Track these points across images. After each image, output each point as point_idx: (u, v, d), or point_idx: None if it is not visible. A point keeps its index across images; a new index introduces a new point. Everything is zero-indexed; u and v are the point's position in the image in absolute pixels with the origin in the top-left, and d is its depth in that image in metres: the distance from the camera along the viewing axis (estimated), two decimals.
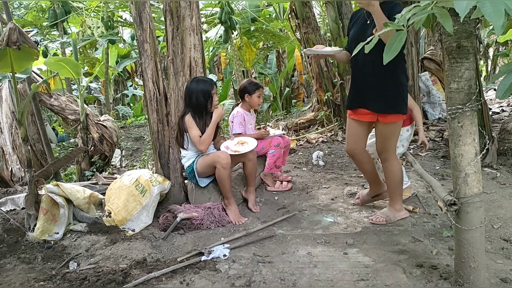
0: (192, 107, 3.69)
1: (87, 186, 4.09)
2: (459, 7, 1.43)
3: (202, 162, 3.71)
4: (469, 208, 2.17)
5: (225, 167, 3.55)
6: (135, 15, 3.67)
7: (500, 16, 1.40)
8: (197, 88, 3.65)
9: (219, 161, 3.56)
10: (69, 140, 8.62)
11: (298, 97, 12.37)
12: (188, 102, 3.71)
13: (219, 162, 3.56)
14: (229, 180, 3.63)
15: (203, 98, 3.66)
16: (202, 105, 3.69)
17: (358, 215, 3.56)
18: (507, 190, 3.87)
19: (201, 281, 2.60)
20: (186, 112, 3.72)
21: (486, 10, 1.41)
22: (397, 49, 1.72)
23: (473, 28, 2.04)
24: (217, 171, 3.59)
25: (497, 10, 1.39)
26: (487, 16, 1.41)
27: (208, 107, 3.72)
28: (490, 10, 1.39)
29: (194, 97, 3.65)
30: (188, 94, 3.69)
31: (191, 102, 3.68)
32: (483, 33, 12.15)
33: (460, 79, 2.10)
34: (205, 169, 3.71)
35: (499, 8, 1.40)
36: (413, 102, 3.67)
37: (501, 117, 7.41)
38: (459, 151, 2.16)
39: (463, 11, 1.43)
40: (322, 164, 5.32)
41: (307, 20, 6.81)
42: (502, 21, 1.40)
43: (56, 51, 10.45)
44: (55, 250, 3.22)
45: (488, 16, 1.41)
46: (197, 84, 3.67)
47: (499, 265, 2.58)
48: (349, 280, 2.52)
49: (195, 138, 3.65)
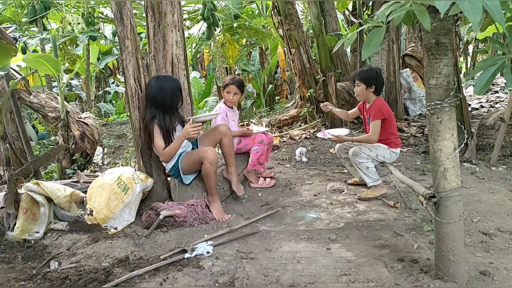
0: (158, 107, 3.53)
1: (68, 185, 4.03)
2: (439, 4, 1.45)
3: (188, 159, 3.64)
4: (448, 202, 2.21)
5: (212, 163, 3.50)
6: (116, 11, 3.62)
7: (478, 13, 1.42)
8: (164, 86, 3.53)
9: (207, 156, 3.50)
10: (50, 138, 8.49)
11: (281, 93, 12.41)
12: (153, 102, 3.54)
13: (206, 158, 3.50)
14: (215, 176, 3.59)
15: (172, 96, 3.54)
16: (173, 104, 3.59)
17: (341, 211, 3.59)
18: (486, 185, 3.95)
19: (184, 278, 2.59)
20: (154, 115, 3.54)
21: (464, 7, 1.43)
22: (376, 45, 1.73)
23: (452, 25, 2.07)
24: (204, 167, 3.52)
25: (475, 6, 1.42)
26: (465, 12, 1.43)
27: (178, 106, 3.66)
28: (468, 6, 1.42)
29: (161, 96, 3.51)
30: (154, 93, 3.52)
31: (156, 102, 3.52)
32: (463, 30, 12.35)
33: (439, 75, 2.13)
34: (191, 166, 3.65)
35: (477, 5, 1.42)
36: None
37: (480, 113, 7.55)
38: (438, 146, 2.19)
39: (442, 8, 1.45)
40: (305, 161, 5.35)
41: (289, 17, 6.82)
42: (480, 17, 1.42)
43: (36, 47, 10.29)
44: (36, 249, 3.17)
45: (466, 12, 1.43)
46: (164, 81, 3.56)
47: (478, 258, 2.63)
48: (332, 275, 2.54)
49: (158, 148, 3.54)
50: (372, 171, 3.75)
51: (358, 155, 3.74)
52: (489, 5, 1.42)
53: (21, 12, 8.35)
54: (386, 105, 3.82)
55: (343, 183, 4.32)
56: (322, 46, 6.69)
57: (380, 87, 3.80)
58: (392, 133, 3.80)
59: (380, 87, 3.82)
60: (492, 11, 1.43)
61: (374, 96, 3.81)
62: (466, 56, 14.52)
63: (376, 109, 3.73)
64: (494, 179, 4.13)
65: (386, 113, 3.73)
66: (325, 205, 3.76)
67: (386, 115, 3.73)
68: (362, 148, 3.75)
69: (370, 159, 3.73)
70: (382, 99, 3.89)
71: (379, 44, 1.75)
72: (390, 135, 3.79)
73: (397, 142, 3.84)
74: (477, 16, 1.43)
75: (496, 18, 1.45)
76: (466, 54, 14.49)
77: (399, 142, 3.87)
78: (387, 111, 3.76)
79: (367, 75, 3.78)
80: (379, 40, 1.73)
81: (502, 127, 4.56)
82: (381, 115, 3.71)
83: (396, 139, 3.82)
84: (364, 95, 3.84)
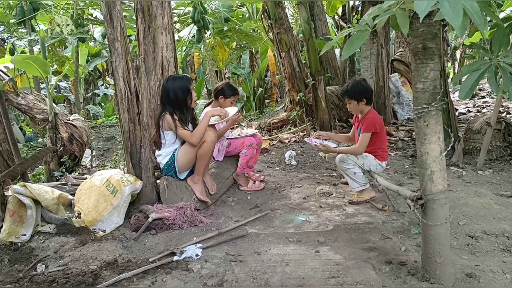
0: (172, 105, 3.67)
1: (56, 187, 4.00)
2: (419, 8, 1.48)
3: (186, 148, 3.74)
4: (434, 205, 2.24)
5: (213, 140, 3.73)
6: (106, 13, 3.61)
7: (459, 16, 1.44)
8: (175, 86, 3.64)
9: (209, 134, 3.69)
10: (37, 140, 8.40)
11: (271, 97, 12.43)
12: (166, 100, 3.68)
13: (208, 136, 3.68)
14: (209, 157, 3.77)
15: (182, 95, 3.66)
16: (182, 102, 3.69)
17: (329, 214, 3.61)
18: (472, 188, 4.00)
19: (173, 281, 2.58)
20: (163, 111, 3.70)
21: (445, 11, 1.46)
22: (357, 46, 1.76)
23: (438, 30, 2.10)
24: (203, 145, 3.68)
25: (456, 10, 1.44)
26: (446, 16, 1.45)
27: (188, 103, 3.72)
28: (449, 10, 1.44)
29: (173, 94, 3.64)
30: (166, 93, 3.66)
31: (169, 100, 3.66)
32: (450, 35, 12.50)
33: (425, 80, 2.16)
34: (188, 156, 3.74)
35: (458, 9, 1.45)
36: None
37: (467, 118, 7.64)
38: (425, 149, 2.22)
39: (422, 12, 1.47)
40: (294, 164, 5.37)
41: (279, 21, 6.85)
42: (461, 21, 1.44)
43: (24, 49, 10.18)
44: (23, 252, 3.14)
45: (447, 16, 1.45)
46: (174, 81, 3.66)
47: (465, 261, 2.66)
48: (321, 277, 2.55)
49: (185, 133, 3.67)
50: (359, 176, 3.77)
51: (345, 161, 3.76)
52: (469, 9, 1.45)
53: (9, 13, 8.28)
54: (379, 118, 3.80)
55: (332, 186, 4.34)
56: (312, 50, 6.72)
57: (370, 97, 3.79)
58: (380, 147, 3.79)
59: (371, 97, 3.80)
60: (472, 14, 1.45)
61: (367, 107, 3.80)
62: (453, 61, 14.68)
63: (369, 122, 3.70)
64: (480, 182, 4.18)
65: (378, 126, 3.71)
66: (314, 208, 3.78)
67: (378, 129, 3.72)
68: (349, 155, 3.77)
69: (357, 166, 3.75)
70: (375, 111, 3.87)
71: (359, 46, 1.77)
72: (378, 148, 3.78)
73: (384, 155, 3.83)
74: (458, 19, 1.45)
75: (476, 22, 1.47)
76: (454, 60, 14.65)
77: (386, 156, 3.86)
78: (380, 124, 3.74)
79: (355, 91, 3.75)
80: (361, 42, 1.75)
81: (489, 131, 4.62)
82: (373, 128, 3.70)
83: (383, 153, 3.81)
84: (357, 109, 3.83)
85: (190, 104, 3.77)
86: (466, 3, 1.45)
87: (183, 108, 3.73)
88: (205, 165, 3.81)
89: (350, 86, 3.80)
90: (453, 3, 1.45)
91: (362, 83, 3.79)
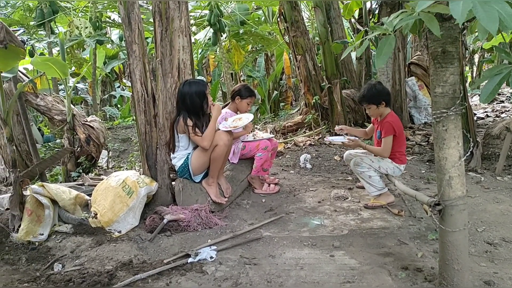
0: (187, 110, 3.67)
1: (73, 187, 4.05)
2: (455, 13, 1.44)
3: (198, 151, 3.74)
4: (453, 211, 2.20)
5: (226, 143, 3.71)
6: (124, 16, 3.65)
7: (495, 21, 1.41)
8: (191, 90, 3.64)
9: (222, 137, 3.69)
10: (55, 141, 8.52)
11: (286, 100, 12.42)
12: (182, 105, 3.68)
13: (221, 139, 3.68)
14: (223, 159, 3.79)
15: (199, 99, 3.66)
16: (198, 107, 3.69)
17: (344, 218, 3.58)
18: (491, 194, 3.93)
19: (187, 283, 2.59)
20: (178, 115, 3.70)
21: (480, 15, 1.42)
22: (388, 53, 1.74)
23: (458, 33, 2.08)
24: (216, 149, 3.68)
25: (491, 15, 1.41)
26: (481, 21, 1.42)
27: (204, 108, 3.73)
28: (483, 15, 1.41)
29: (189, 99, 3.63)
30: (182, 97, 3.66)
31: (186, 105, 3.66)
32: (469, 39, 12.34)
33: (445, 84, 2.13)
34: (202, 159, 3.74)
35: (493, 13, 1.41)
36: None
37: (485, 122, 7.52)
38: (443, 154, 2.19)
39: (460, 16, 1.43)
40: (309, 167, 5.35)
41: (295, 24, 6.84)
42: (497, 25, 1.41)
43: (43, 51, 10.36)
44: (40, 251, 3.19)
45: (483, 20, 1.42)
46: (190, 86, 3.65)
47: (483, 268, 2.61)
48: (335, 282, 2.53)
49: (196, 138, 3.68)
50: (375, 180, 3.73)
51: (359, 164, 3.73)
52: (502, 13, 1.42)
53: (29, 16, 8.43)
54: (399, 122, 3.77)
55: (347, 190, 4.31)
56: (328, 53, 6.70)
57: (388, 99, 3.76)
58: (398, 150, 3.75)
59: (389, 99, 3.77)
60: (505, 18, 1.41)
61: (387, 109, 3.78)
62: (472, 65, 14.50)
63: (388, 125, 3.68)
64: (499, 189, 4.11)
65: (397, 129, 3.68)
66: (329, 212, 3.76)
67: (397, 132, 3.69)
68: (363, 159, 3.74)
69: (372, 169, 3.72)
70: (394, 114, 3.84)
71: (391, 52, 1.75)
72: (396, 151, 3.74)
73: (402, 159, 3.79)
74: (494, 24, 1.41)
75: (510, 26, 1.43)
76: (472, 64, 14.48)
77: (404, 159, 3.82)
78: (399, 127, 3.71)
79: (372, 94, 3.72)
80: (391, 48, 1.72)
81: (508, 136, 4.54)
82: (392, 131, 3.67)
83: (401, 156, 3.77)
84: (378, 113, 3.80)
85: (206, 108, 3.77)
86: (498, 7, 1.42)
87: (199, 113, 3.73)
88: (219, 168, 3.81)
89: (366, 91, 3.77)
90: (488, 8, 1.41)
91: (377, 86, 3.76)
